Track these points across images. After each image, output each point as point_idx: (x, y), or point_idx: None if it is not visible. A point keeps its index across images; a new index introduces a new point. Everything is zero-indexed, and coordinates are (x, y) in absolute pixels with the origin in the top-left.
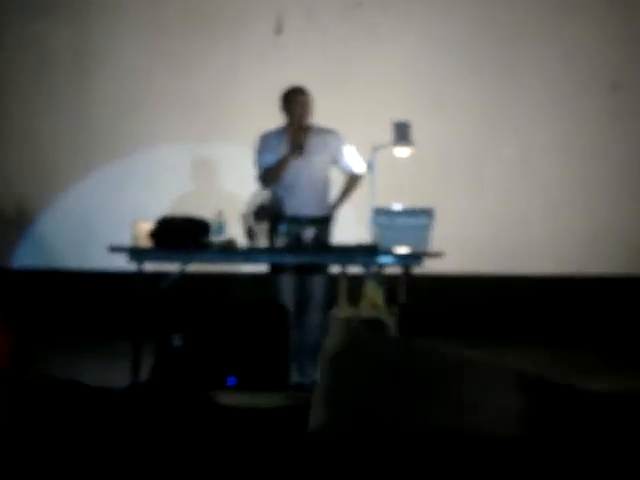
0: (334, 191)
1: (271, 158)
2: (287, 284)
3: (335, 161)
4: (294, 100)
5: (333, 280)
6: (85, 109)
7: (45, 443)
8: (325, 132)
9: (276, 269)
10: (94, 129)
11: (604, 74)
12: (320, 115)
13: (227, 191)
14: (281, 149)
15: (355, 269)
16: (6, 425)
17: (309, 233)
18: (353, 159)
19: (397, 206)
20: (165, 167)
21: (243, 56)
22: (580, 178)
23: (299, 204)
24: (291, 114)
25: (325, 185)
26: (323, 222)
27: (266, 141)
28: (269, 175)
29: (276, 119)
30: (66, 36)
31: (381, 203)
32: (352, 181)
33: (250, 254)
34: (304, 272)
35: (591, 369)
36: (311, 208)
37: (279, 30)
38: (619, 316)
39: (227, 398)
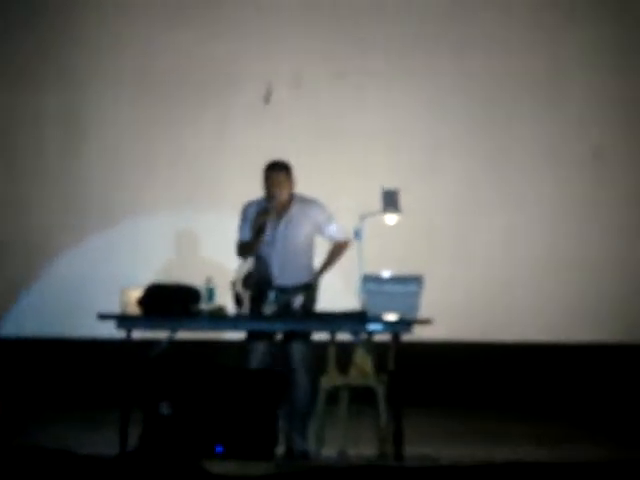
0: (319, 259)
1: (247, 230)
2: (255, 351)
3: (319, 230)
4: (269, 176)
5: (322, 347)
6: (75, 177)
7: None
8: (308, 202)
9: (253, 336)
10: (83, 197)
11: (587, 141)
12: (308, 182)
13: (216, 259)
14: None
15: (344, 336)
16: None
17: (298, 300)
18: (337, 228)
19: (386, 273)
20: (154, 235)
21: (232, 123)
22: (565, 246)
23: (282, 273)
24: (267, 189)
25: (308, 254)
26: (308, 289)
27: (246, 212)
28: (243, 250)
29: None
30: (56, 104)
31: (369, 270)
32: (337, 249)
33: (239, 321)
34: (286, 339)
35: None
36: (295, 276)
37: (267, 99)
38: (605, 383)
39: (216, 467)
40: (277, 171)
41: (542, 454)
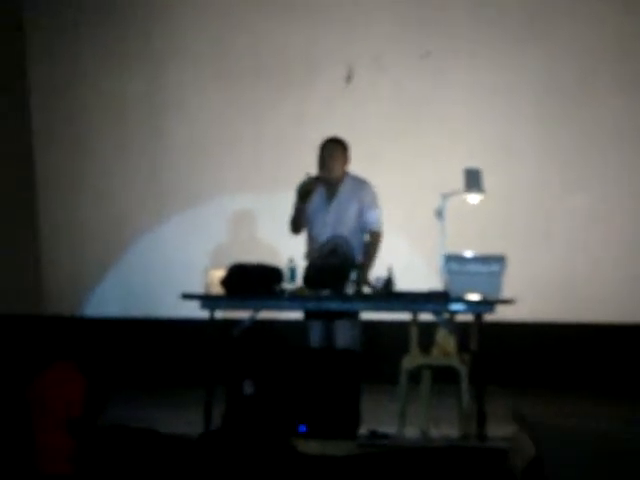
0: None
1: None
2: (316, 331)
3: (360, 211)
4: (324, 148)
5: (404, 327)
6: (158, 159)
7: None
8: (359, 181)
9: (311, 315)
10: (166, 179)
11: None
12: (389, 163)
13: (298, 239)
14: (314, 196)
15: (426, 316)
16: (81, 473)
17: (380, 280)
18: (376, 215)
19: (468, 253)
20: (236, 216)
21: (312, 105)
22: None
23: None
24: (321, 160)
25: (359, 234)
26: (360, 269)
27: (297, 189)
28: (293, 221)
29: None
30: (140, 89)
31: (451, 250)
32: (375, 241)
33: (321, 300)
34: (333, 318)
35: None
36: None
37: (349, 79)
38: None
39: (298, 446)
40: (334, 145)
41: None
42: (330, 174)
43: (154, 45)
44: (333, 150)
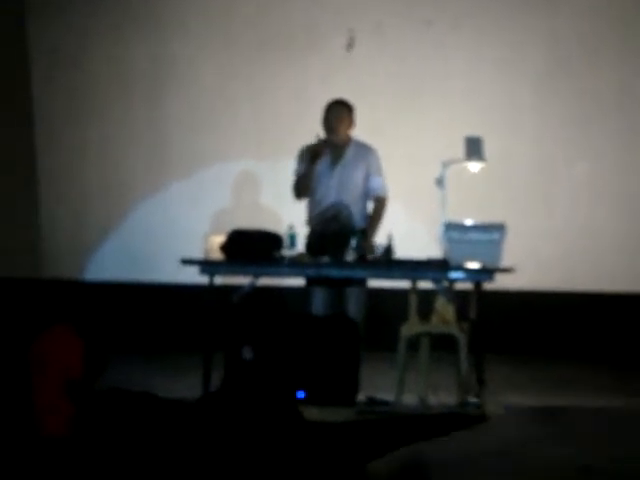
0: None
1: (301, 169)
2: (321, 298)
3: (366, 177)
4: (330, 109)
5: (403, 295)
6: (159, 127)
7: (117, 453)
8: (364, 146)
9: (311, 282)
10: (167, 146)
11: None
12: (390, 131)
13: (298, 206)
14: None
15: (425, 284)
16: (79, 435)
17: (379, 248)
18: (382, 181)
19: (468, 221)
20: (236, 182)
21: (315, 73)
22: None
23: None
24: (326, 122)
25: (363, 199)
26: (363, 235)
27: (303, 153)
28: (298, 182)
29: None
30: (142, 57)
31: (451, 218)
32: (380, 207)
33: (321, 267)
34: (339, 285)
35: None
36: (356, 220)
37: (350, 46)
38: None
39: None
40: (339, 106)
41: (621, 403)
42: (336, 136)
43: (157, 16)
44: (339, 112)
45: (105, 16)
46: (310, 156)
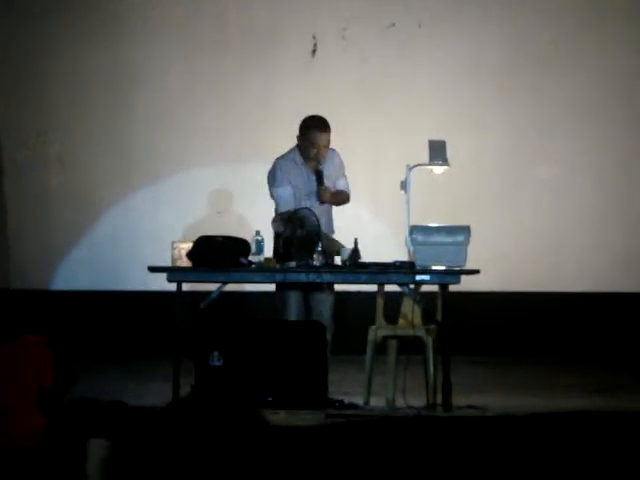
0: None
1: (288, 192)
2: (295, 301)
3: (334, 179)
4: (318, 137)
5: (370, 298)
6: (122, 131)
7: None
8: (331, 151)
9: (283, 286)
10: (131, 153)
11: (635, 94)
12: (355, 135)
13: (264, 211)
14: (298, 179)
15: (392, 287)
16: (50, 446)
17: (346, 252)
18: (346, 181)
19: (433, 224)
20: (202, 188)
21: (278, 76)
22: (612, 197)
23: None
24: (313, 148)
25: (331, 206)
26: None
27: (283, 170)
28: (285, 219)
29: None
30: (105, 62)
31: (416, 221)
32: (342, 194)
33: (288, 273)
34: (311, 289)
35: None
36: (326, 226)
37: (314, 51)
38: None
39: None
40: (327, 131)
41: (594, 403)
42: (320, 161)
43: (119, 19)
44: (325, 139)
45: (66, 25)
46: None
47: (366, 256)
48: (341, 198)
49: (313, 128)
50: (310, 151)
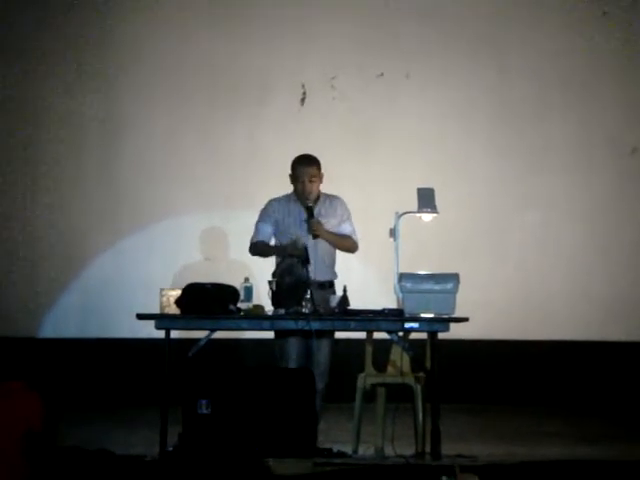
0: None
1: (267, 229)
2: (294, 348)
3: (337, 226)
4: (303, 171)
5: (359, 345)
6: (112, 177)
7: None
8: (333, 197)
9: (281, 333)
10: (121, 197)
11: (624, 140)
12: (343, 183)
13: (253, 258)
14: (289, 219)
15: (381, 334)
16: None
17: (335, 299)
18: (352, 228)
19: (422, 271)
20: (190, 235)
21: (267, 124)
22: (599, 244)
23: (313, 270)
24: (300, 184)
25: (333, 251)
26: (331, 287)
27: (269, 209)
28: (259, 249)
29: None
30: (94, 107)
31: (405, 269)
32: (348, 240)
33: (277, 321)
34: (310, 336)
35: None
36: (322, 273)
37: (302, 100)
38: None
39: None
40: (311, 165)
41: (580, 452)
42: (310, 198)
43: (108, 64)
44: (310, 174)
45: (54, 65)
46: (284, 253)
47: (355, 303)
48: (344, 241)
49: (297, 164)
50: (297, 187)
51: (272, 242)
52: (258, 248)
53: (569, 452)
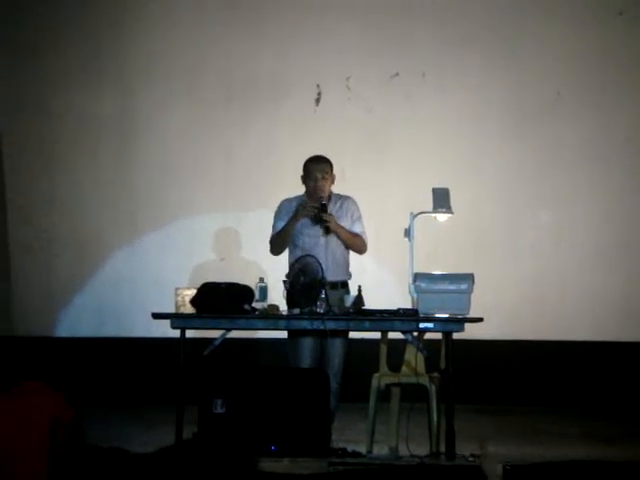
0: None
1: (283, 225)
2: (308, 348)
3: (350, 226)
4: (314, 169)
5: (373, 345)
6: (127, 178)
7: None
8: (344, 198)
9: (294, 333)
10: (136, 197)
11: (636, 139)
12: (358, 183)
13: (268, 258)
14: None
15: (395, 334)
16: None
17: (349, 299)
18: (362, 229)
19: (437, 271)
20: (206, 235)
21: (282, 125)
22: (614, 243)
23: (326, 269)
24: (311, 182)
25: (346, 251)
26: (345, 287)
27: (284, 206)
28: (278, 238)
29: None
30: (112, 108)
31: (420, 269)
32: (359, 238)
33: (292, 320)
34: (324, 336)
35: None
36: (335, 273)
37: (317, 100)
38: None
39: (268, 464)
40: (322, 163)
41: (595, 452)
42: (322, 197)
43: (126, 66)
44: (322, 171)
45: (72, 65)
46: (297, 216)
47: (370, 303)
48: (355, 239)
49: (309, 163)
50: (309, 184)
51: None
52: (274, 240)
53: (584, 452)
